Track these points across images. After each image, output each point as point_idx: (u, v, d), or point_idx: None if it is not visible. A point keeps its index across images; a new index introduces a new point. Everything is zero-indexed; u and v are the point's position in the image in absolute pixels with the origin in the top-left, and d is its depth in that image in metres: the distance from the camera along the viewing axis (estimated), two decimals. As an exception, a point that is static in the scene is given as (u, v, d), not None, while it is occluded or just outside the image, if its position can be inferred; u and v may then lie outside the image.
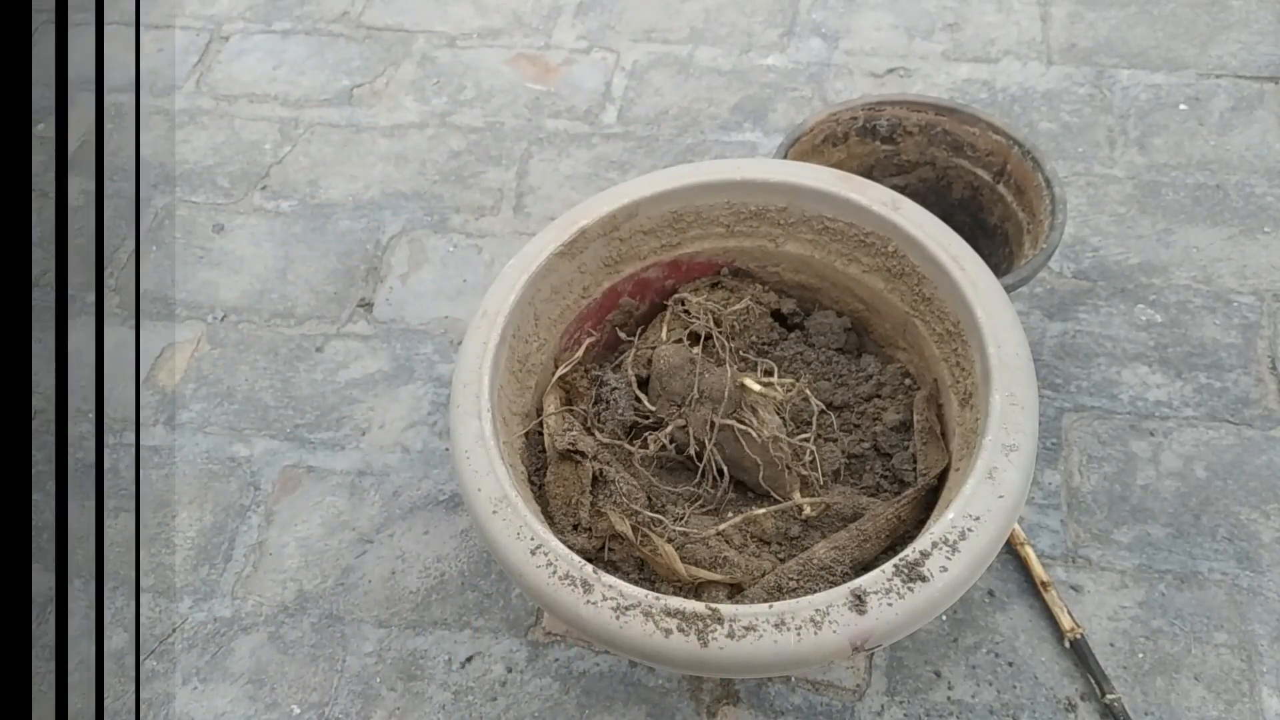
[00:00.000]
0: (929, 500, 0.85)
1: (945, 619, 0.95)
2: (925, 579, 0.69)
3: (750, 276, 1.01)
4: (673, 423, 0.90)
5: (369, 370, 1.19)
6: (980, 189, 1.11)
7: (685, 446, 0.90)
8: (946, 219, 0.91)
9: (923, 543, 0.71)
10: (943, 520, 0.72)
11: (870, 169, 1.14)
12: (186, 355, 1.23)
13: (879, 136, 1.13)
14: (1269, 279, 1.17)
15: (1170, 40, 1.44)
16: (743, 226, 0.97)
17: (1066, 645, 0.92)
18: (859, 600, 0.68)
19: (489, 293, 0.89)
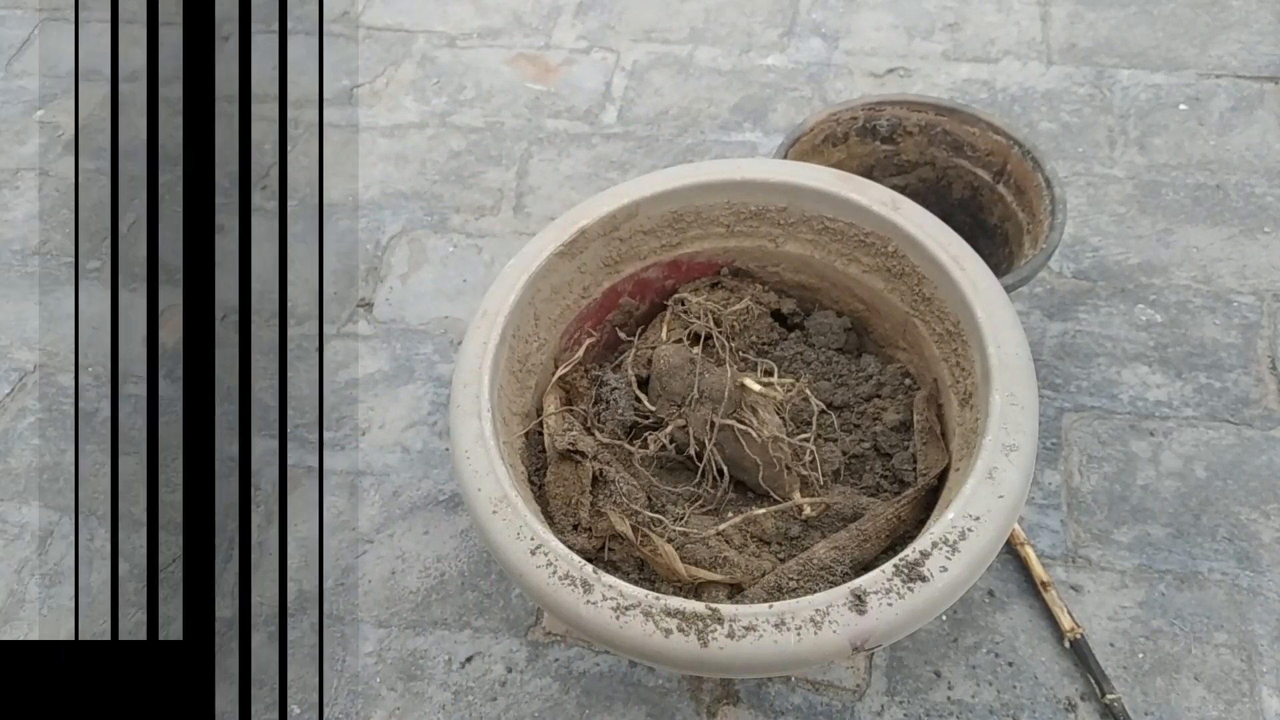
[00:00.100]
0: (929, 500, 0.85)
1: (945, 619, 0.95)
2: (925, 579, 0.69)
3: (750, 276, 1.01)
4: (673, 423, 0.90)
5: (369, 370, 1.19)
6: (980, 189, 1.11)
7: (685, 446, 0.90)
8: (946, 219, 0.91)
9: (923, 543, 0.71)
10: (943, 520, 0.72)
11: (870, 169, 1.14)
12: (186, 355, 1.22)
13: (879, 136, 1.13)
14: (1269, 279, 1.17)
15: (1170, 40, 1.44)
16: (743, 226, 0.97)
17: (1066, 645, 0.92)
18: (859, 600, 0.68)
19: (489, 293, 0.89)
